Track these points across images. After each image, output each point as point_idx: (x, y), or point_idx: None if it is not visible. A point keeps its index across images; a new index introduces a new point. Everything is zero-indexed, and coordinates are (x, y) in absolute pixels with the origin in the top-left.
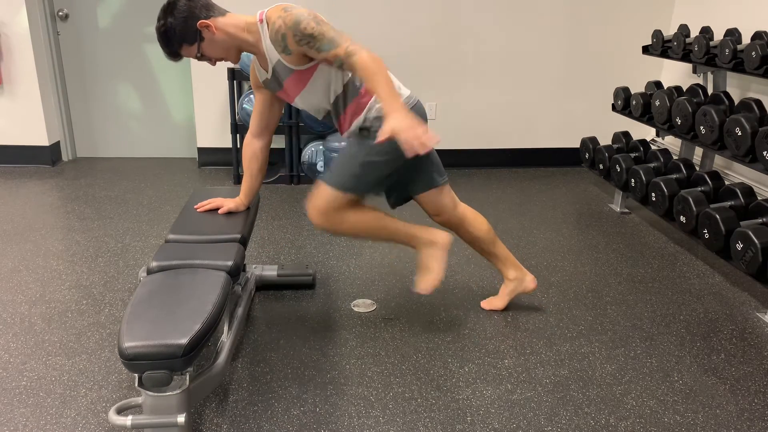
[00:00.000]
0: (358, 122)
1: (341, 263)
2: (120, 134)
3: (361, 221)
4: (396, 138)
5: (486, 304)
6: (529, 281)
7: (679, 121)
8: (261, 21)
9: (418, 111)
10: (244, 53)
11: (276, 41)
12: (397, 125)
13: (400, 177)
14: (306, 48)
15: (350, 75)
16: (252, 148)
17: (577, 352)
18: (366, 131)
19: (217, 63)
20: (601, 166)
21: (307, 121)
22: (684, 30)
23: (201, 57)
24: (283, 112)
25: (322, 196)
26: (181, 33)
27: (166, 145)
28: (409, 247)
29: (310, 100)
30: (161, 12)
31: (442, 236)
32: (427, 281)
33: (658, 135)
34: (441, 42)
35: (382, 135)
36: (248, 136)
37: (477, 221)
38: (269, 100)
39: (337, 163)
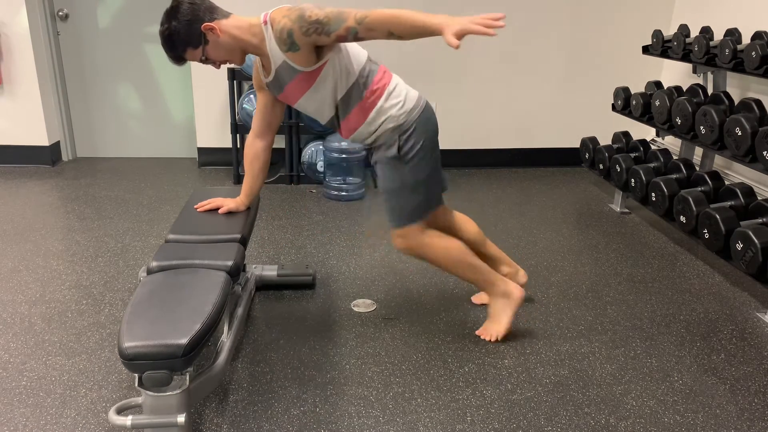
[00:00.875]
0: (369, 130)
1: (341, 263)
2: (120, 134)
3: (447, 250)
4: (466, 33)
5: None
6: (521, 275)
7: (679, 121)
8: (265, 23)
9: (426, 114)
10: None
11: (282, 40)
12: (457, 30)
13: None
14: (315, 36)
15: (355, 78)
16: (254, 148)
17: (577, 352)
18: (401, 155)
19: (221, 66)
20: (601, 166)
21: (307, 121)
22: (684, 30)
23: (205, 60)
24: (284, 112)
25: (402, 235)
26: (186, 36)
27: (166, 145)
28: (481, 289)
29: (314, 103)
30: (164, 16)
31: (518, 291)
32: (493, 330)
33: (658, 135)
34: (441, 42)
35: (453, 41)
36: (250, 137)
37: (466, 225)
38: (271, 100)
39: (392, 201)
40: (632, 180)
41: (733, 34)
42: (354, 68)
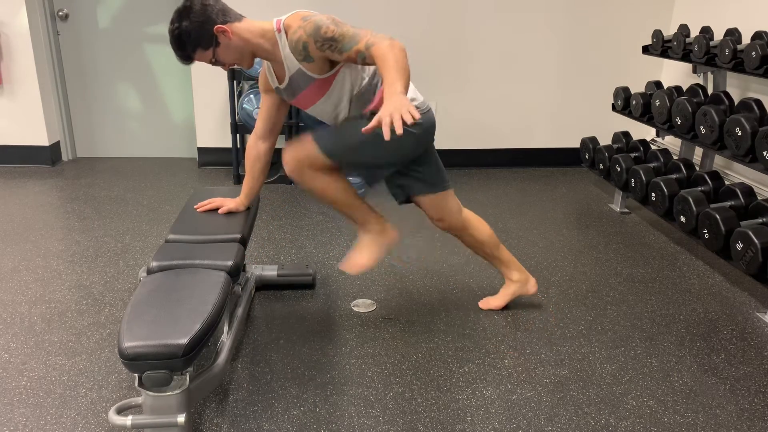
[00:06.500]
0: None
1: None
2: (120, 134)
3: (332, 188)
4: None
5: (483, 303)
6: (531, 284)
7: (679, 121)
8: (279, 30)
9: (428, 120)
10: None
11: (297, 50)
12: (384, 111)
13: (402, 175)
14: (329, 52)
15: (367, 81)
16: (256, 149)
17: (577, 352)
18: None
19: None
20: (601, 166)
21: (307, 121)
22: (684, 30)
23: (215, 62)
24: (287, 114)
25: (306, 149)
26: (197, 37)
27: (166, 145)
28: (354, 225)
29: (328, 108)
30: (176, 14)
31: (391, 233)
32: (356, 263)
33: (658, 135)
34: (441, 42)
35: (374, 121)
36: (253, 138)
37: (480, 226)
38: (276, 103)
39: (337, 129)
40: (632, 180)
41: (733, 34)
42: (367, 71)
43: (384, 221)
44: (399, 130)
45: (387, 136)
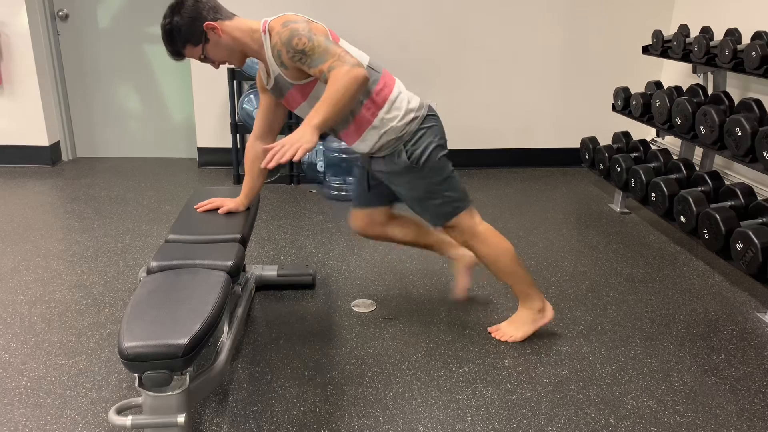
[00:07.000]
0: (371, 141)
1: (341, 263)
2: (120, 134)
3: (499, 247)
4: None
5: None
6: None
7: (679, 121)
8: (264, 32)
9: (429, 121)
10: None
11: (274, 55)
12: (283, 140)
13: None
14: (299, 64)
15: None
16: (255, 149)
17: (577, 352)
18: (412, 163)
19: (220, 66)
20: (601, 166)
21: None
22: (684, 30)
23: (204, 59)
24: (287, 114)
25: (453, 229)
26: (187, 33)
27: (166, 145)
28: (516, 296)
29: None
30: (168, 10)
31: (551, 313)
32: (509, 333)
33: (658, 135)
34: (441, 42)
35: (272, 144)
36: (252, 138)
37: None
38: (273, 102)
39: (426, 204)
40: (632, 180)
41: (733, 34)
42: None
43: (545, 301)
44: (272, 165)
45: (264, 163)
